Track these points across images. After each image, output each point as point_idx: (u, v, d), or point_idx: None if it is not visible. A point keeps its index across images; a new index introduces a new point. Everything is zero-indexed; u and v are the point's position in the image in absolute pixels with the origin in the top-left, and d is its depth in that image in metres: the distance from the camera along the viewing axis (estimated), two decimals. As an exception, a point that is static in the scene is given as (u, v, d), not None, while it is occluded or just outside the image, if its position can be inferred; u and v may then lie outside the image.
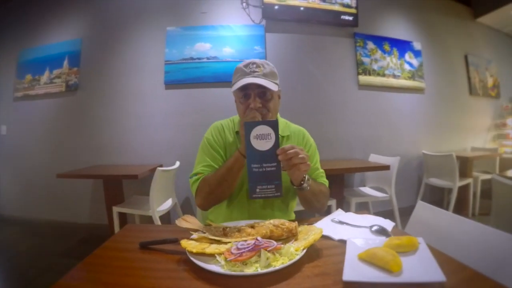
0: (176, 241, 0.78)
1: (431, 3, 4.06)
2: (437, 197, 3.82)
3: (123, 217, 2.33)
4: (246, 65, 1.04)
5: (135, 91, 3.12)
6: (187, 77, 3.08)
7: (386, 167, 2.56)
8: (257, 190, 0.87)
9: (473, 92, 4.24)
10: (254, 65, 1.03)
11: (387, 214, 3.20)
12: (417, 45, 3.83)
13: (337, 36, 3.44)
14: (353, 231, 0.87)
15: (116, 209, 2.23)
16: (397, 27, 3.77)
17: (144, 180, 2.42)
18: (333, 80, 3.37)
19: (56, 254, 2.44)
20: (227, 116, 1.26)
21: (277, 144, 0.86)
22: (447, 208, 3.47)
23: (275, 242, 0.69)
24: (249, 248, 0.66)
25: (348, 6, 3.34)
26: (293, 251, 0.68)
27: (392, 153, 3.19)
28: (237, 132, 1.15)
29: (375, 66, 3.53)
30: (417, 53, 3.81)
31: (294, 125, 1.24)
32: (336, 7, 3.30)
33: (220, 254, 0.68)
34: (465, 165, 3.34)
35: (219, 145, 1.14)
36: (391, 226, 0.89)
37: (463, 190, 3.23)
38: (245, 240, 0.71)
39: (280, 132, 1.08)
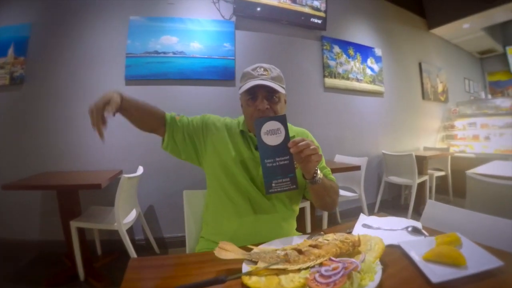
0: (225, 281, 0.63)
1: (391, 13, 4.35)
2: (395, 193, 4.11)
3: (81, 231, 2.03)
4: (254, 69, 1.07)
5: (91, 86, 2.75)
6: (150, 73, 2.82)
7: (357, 168, 2.63)
8: (273, 184, 0.88)
9: (425, 96, 4.65)
10: (262, 69, 1.07)
11: (354, 211, 3.30)
12: (378, 51, 4.04)
13: (306, 38, 3.46)
14: (391, 234, 0.90)
15: (74, 224, 1.92)
16: (361, 34, 3.94)
17: (102, 189, 2.13)
18: (300, 81, 3.39)
19: (4, 278, 2.05)
20: (192, 115, 1.22)
21: (287, 138, 0.88)
22: (406, 203, 3.76)
23: (355, 260, 0.63)
24: (340, 273, 0.58)
25: (317, 9, 3.38)
26: (373, 265, 0.64)
27: (355, 153, 3.32)
28: (241, 131, 1.15)
29: (340, 70, 3.64)
30: (378, 59, 4.02)
31: (295, 127, 1.25)
32: (306, 10, 3.32)
33: (303, 286, 0.59)
34: (421, 163, 3.60)
35: (206, 133, 1.13)
36: (420, 225, 0.94)
37: (420, 186, 3.49)
38: (322, 264, 0.64)
39: None
